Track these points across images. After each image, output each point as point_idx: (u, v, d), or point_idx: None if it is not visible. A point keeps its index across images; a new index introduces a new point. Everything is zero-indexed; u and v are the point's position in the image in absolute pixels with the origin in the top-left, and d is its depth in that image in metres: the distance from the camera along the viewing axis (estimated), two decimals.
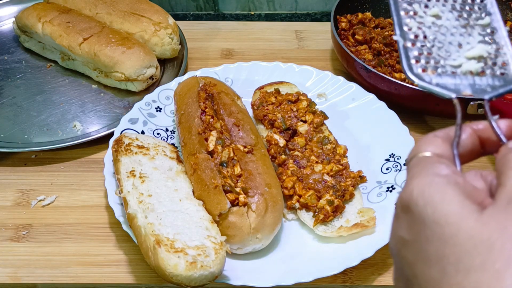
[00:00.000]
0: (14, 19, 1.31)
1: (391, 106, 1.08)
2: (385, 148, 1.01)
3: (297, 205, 0.91)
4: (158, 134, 1.06)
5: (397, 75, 1.16)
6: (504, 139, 0.45)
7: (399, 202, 0.44)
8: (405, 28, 0.52)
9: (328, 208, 0.88)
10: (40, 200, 0.98)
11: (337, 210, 0.89)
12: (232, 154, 0.91)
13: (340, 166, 0.94)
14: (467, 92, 0.49)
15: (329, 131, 1.02)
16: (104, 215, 0.96)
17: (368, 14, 1.30)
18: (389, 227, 0.46)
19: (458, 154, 0.46)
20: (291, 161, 0.95)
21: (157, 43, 1.22)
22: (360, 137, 1.05)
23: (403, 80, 1.14)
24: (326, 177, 0.92)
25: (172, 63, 1.26)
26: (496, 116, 0.46)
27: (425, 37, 0.52)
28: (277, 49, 1.31)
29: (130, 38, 1.19)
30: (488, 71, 0.50)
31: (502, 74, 0.50)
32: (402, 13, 0.53)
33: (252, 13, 1.50)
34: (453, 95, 0.49)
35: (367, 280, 0.86)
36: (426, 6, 0.53)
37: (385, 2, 1.36)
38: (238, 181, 0.88)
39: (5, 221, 0.95)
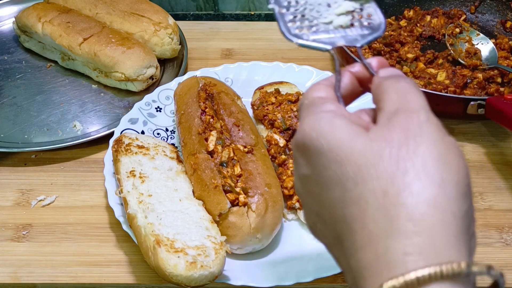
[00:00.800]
0: (14, 19, 1.31)
1: None
2: None
3: (297, 205, 0.91)
4: (158, 134, 1.06)
5: None
6: (375, 73, 0.50)
7: (295, 144, 0.47)
8: None
9: None
10: (40, 200, 0.98)
11: None
12: (232, 154, 0.91)
13: None
14: (341, 43, 0.54)
15: None
16: (104, 215, 0.96)
17: None
18: None
19: (341, 96, 0.51)
20: (291, 161, 0.95)
21: (157, 43, 1.22)
22: None
23: None
24: None
25: (172, 63, 1.26)
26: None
27: (297, 2, 0.58)
28: (277, 49, 1.31)
29: (130, 38, 1.19)
30: (356, 23, 0.56)
31: (369, 24, 0.56)
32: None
33: (252, 13, 1.50)
34: (329, 47, 0.54)
35: None
36: None
37: (384, 2, 1.36)
38: (238, 181, 0.88)
39: (5, 221, 0.95)
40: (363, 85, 0.53)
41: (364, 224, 0.40)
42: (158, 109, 1.09)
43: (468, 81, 1.14)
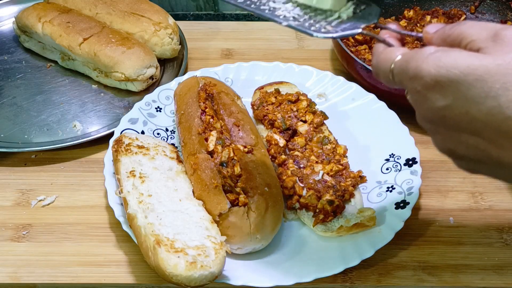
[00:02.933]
0: (14, 19, 1.31)
1: (391, 106, 1.08)
2: (385, 148, 1.01)
3: (297, 205, 0.91)
4: (158, 134, 1.06)
5: None
6: (408, 32, 0.63)
7: (423, 89, 0.55)
8: (280, 16, 0.64)
9: (328, 208, 0.88)
10: (40, 200, 0.98)
11: (337, 210, 0.89)
12: (232, 154, 0.91)
13: (340, 166, 0.94)
14: (363, 25, 0.63)
15: (329, 131, 1.02)
16: (104, 215, 0.96)
17: None
18: (416, 112, 0.60)
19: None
20: (291, 161, 0.95)
21: (157, 43, 1.22)
22: (360, 137, 1.05)
23: None
24: (326, 177, 0.92)
25: (172, 63, 1.26)
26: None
27: (302, 13, 0.64)
28: (277, 49, 1.31)
29: (130, 38, 1.19)
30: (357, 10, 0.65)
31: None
32: (267, 11, 0.64)
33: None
34: (359, 30, 0.62)
35: (367, 280, 0.86)
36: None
37: (384, 2, 1.36)
38: (238, 181, 0.88)
39: (5, 221, 0.95)
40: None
41: None
42: (158, 109, 1.09)
43: None
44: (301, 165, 0.94)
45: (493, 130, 0.53)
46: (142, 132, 1.04)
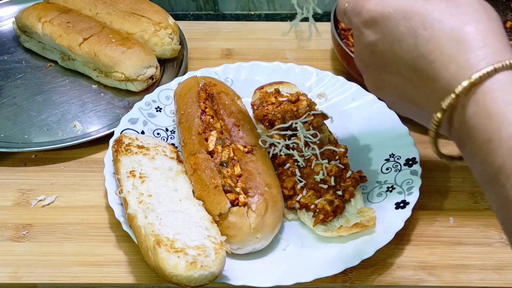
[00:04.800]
0: (14, 19, 1.31)
1: None
2: (385, 148, 1.01)
3: (297, 205, 0.91)
4: (158, 134, 1.06)
5: None
6: None
7: (361, 24, 0.60)
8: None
9: (328, 208, 0.88)
10: (40, 200, 0.98)
11: (337, 210, 0.89)
12: (232, 154, 0.91)
13: (340, 166, 0.94)
14: None
15: (329, 131, 1.02)
16: (104, 215, 0.96)
17: None
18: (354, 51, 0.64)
19: None
20: (291, 161, 0.95)
21: (157, 43, 1.22)
22: (360, 137, 1.05)
23: None
24: (326, 177, 0.92)
25: (172, 63, 1.26)
26: None
27: None
28: (277, 49, 1.31)
29: (130, 38, 1.19)
30: None
31: None
32: None
33: (252, 13, 1.50)
34: None
35: (367, 280, 0.86)
36: None
37: None
38: (238, 181, 0.88)
39: (5, 221, 0.95)
40: None
41: (442, 51, 0.52)
42: (158, 109, 1.09)
43: None
44: (301, 165, 0.94)
45: (409, 68, 0.56)
46: (142, 132, 1.04)
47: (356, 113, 1.10)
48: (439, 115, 0.53)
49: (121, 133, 1.01)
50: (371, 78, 0.64)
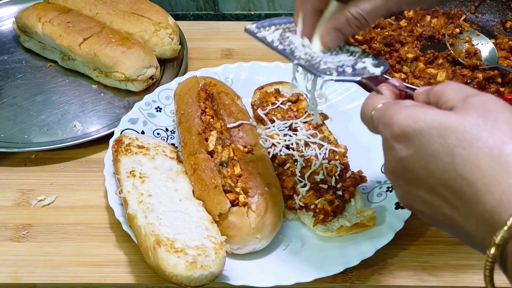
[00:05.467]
0: (14, 19, 1.31)
1: None
2: None
3: (297, 205, 0.91)
4: (158, 134, 1.06)
5: (397, 75, 1.16)
6: (406, 90, 0.65)
7: (391, 138, 0.57)
8: (296, 55, 0.71)
9: (328, 208, 0.88)
10: (40, 200, 0.98)
11: (337, 210, 0.89)
12: (232, 154, 0.91)
13: (341, 166, 0.94)
14: (366, 75, 0.67)
15: (329, 131, 1.02)
16: (104, 215, 0.96)
17: None
18: (383, 161, 0.61)
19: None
20: (291, 161, 0.95)
21: (157, 43, 1.22)
22: (360, 137, 1.05)
23: (403, 80, 1.14)
24: (326, 177, 0.92)
25: (172, 63, 1.26)
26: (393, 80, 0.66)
27: (311, 56, 0.71)
28: None
29: (130, 38, 1.19)
30: (361, 66, 0.70)
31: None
32: (283, 49, 0.73)
33: (252, 13, 1.50)
34: (358, 78, 0.67)
35: (367, 280, 0.86)
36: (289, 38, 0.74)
37: None
38: (238, 181, 0.88)
39: (5, 221, 0.95)
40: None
41: (483, 174, 0.49)
42: (158, 109, 1.09)
43: (468, 81, 1.14)
44: (301, 165, 0.94)
45: (447, 187, 0.53)
46: (142, 132, 1.04)
47: (356, 113, 1.08)
48: (493, 250, 0.49)
49: (121, 133, 1.01)
50: (402, 193, 0.60)
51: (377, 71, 0.68)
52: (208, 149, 0.92)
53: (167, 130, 1.07)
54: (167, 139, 1.06)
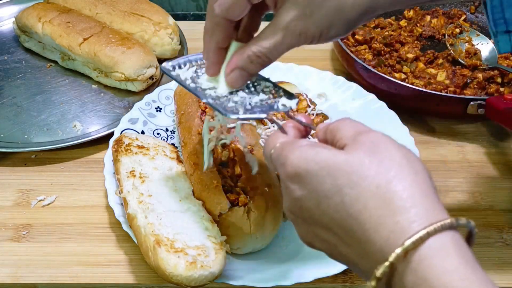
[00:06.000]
0: (14, 19, 1.31)
1: (391, 106, 1.08)
2: None
3: None
4: (158, 134, 1.06)
5: (397, 75, 1.16)
6: (312, 126, 0.64)
7: (286, 176, 0.57)
8: (207, 94, 0.70)
9: None
10: (40, 200, 0.98)
11: None
12: (232, 154, 0.91)
13: None
14: (272, 113, 0.69)
15: None
16: (104, 215, 0.96)
17: None
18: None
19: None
20: None
21: (157, 43, 1.22)
22: None
23: (403, 80, 1.14)
24: None
25: None
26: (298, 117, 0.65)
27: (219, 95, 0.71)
28: None
29: (130, 38, 1.19)
30: (271, 101, 0.71)
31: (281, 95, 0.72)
32: (195, 88, 0.72)
33: None
34: (264, 115, 0.67)
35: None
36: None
37: None
38: (238, 181, 0.88)
39: (5, 221, 0.95)
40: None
41: (370, 213, 0.50)
42: (158, 109, 1.09)
43: (468, 81, 1.14)
44: None
45: (340, 227, 0.53)
46: (142, 132, 1.04)
47: (356, 113, 1.09)
48: (373, 283, 0.50)
49: (121, 133, 1.01)
50: (302, 231, 0.60)
51: (284, 108, 0.69)
52: None
53: (167, 130, 1.07)
54: (167, 139, 1.06)
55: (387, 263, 0.48)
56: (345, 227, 0.52)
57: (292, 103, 0.69)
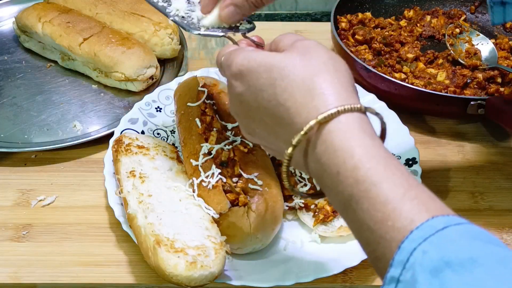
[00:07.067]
0: (14, 19, 1.31)
1: (391, 106, 1.08)
2: None
3: (297, 205, 0.91)
4: (158, 134, 1.06)
5: (397, 75, 1.16)
6: (263, 45, 0.73)
7: (230, 74, 0.65)
8: (172, 12, 0.80)
9: (328, 208, 0.88)
10: (40, 200, 0.98)
11: None
12: (232, 154, 0.91)
13: None
14: (230, 33, 0.76)
15: None
16: (104, 215, 0.96)
17: (368, 14, 1.30)
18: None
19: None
20: None
21: (157, 43, 1.22)
22: None
23: (403, 80, 1.14)
24: None
25: (172, 63, 1.26)
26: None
27: (186, 13, 0.79)
28: None
29: (130, 38, 1.19)
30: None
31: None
32: (163, 7, 0.82)
33: (252, 13, 1.49)
34: (221, 34, 0.76)
35: (367, 280, 0.86)
36: None
37: (385, 2, 1.36)
38: (238, 181, 0.88)
39: (5, 221, 0.95)
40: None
41: (295, 100, 0.59)
42: (158, 109, 1.09)
43: (468, 81, 1.14)
44: None
45: (270, 116, 0.61)
46: (142, 132, 1.04)
47: None
48: (290, 150, 0.58)
49: (121, 133, 1.01)
50: (243, 126, 0.68)
51: (242, 30, 0.77)
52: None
53: (167, 130, 1.07)
54: (167, 139, 1.06)
55: (302, 132, 0.57)
56: (275, 115, 0.60)
57: (249, 26, 0.78)
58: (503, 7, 0.78)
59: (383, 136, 0.63)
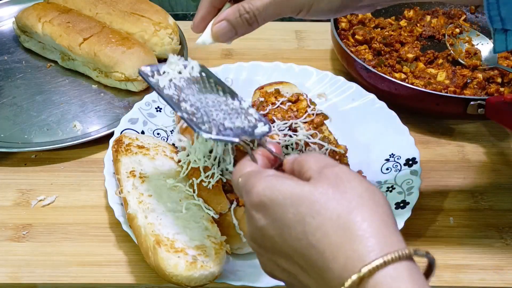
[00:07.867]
0: (14, 19, 1.31)
1: (391, 106, 1.08)
2: (385, 148, 1.01)
3: None
4: (158, 134, 1.06)
5: (397, 75, 1.16)
6: (281, 156, 0.66)
7: (250, 205, 0.58)
8: (182, 107, 0.70)
9: None
10: (40, 200, 0.98)
11: None
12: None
13: None
14: (245, 138, 0.68)
15: (329, 131, 1.02)
16: (104, 215, 0.96)
17: (368, 14, 1.30)
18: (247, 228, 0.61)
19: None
20: None
21: (157, 43, 1.22)
22: (360, 137, 1.05)
23: (403, 80, 1.14)
24: None
25: None
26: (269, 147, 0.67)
27: (196, 109, 0.70)
28: (277, 49, 1.31)
29: (130, 38, 1.19)
30: (245, 125, 0.70)
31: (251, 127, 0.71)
32: (173, 99, 0.71)
33: None
34: (237, 140, 0.67)
35: None
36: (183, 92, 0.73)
37: None
38: None
39: (5, 221, 0.95)
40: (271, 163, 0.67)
41: (330, 242, 0.51)
42: (158, 109, 1.09)
43: (468, 81, 1.14)
44: None
45: (301, 256, 0.54)
46: (142, 132, 1.04)
47: (356, 113, 1.10)
48: None
49: (121, 133, 1.01)
50: (263, 261, 0.61)
51: (257, 135, 0.69)
52: None
53: (167, 130, 1.07)
54: (167, 139, 1.06)
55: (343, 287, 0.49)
56: (305, 256, 0.53)
57: (265, 128, 0.70)
58: (504, 35, 0.71)
59: (428, 272, 0.54)
